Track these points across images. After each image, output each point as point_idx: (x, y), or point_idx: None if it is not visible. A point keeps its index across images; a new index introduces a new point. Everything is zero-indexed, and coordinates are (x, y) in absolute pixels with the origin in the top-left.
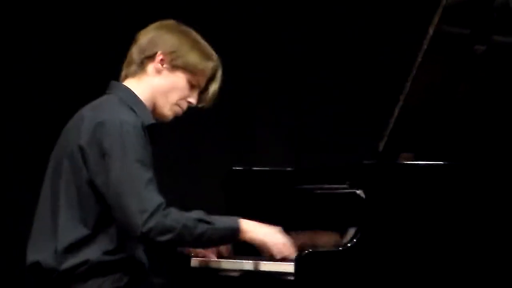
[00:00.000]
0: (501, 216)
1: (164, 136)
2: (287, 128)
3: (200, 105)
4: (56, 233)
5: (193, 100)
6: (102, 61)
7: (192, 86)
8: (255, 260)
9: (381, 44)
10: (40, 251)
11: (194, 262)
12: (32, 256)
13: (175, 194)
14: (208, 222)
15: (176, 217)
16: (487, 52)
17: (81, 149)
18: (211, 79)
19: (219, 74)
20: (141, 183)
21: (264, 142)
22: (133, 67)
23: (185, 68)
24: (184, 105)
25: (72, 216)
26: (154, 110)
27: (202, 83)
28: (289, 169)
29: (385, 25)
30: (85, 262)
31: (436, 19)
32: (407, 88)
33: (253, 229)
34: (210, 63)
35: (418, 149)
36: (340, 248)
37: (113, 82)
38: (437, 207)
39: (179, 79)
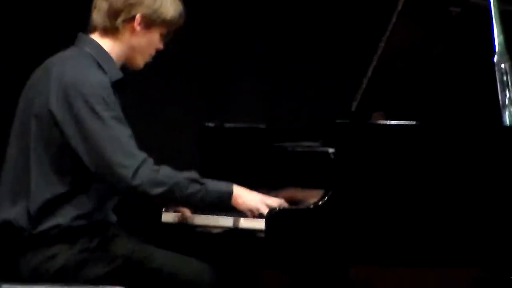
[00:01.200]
0: (466, 173)
1: (137, 92)
2: (261, 84)
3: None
4: (27, 192)
5: (161, 46)
6: None
7: (162, 35)
8: (229, 216)
9: (357, 2)
10: (10, 210)
11: (166, 216)
12: (2, 214)
13: (149, 150)
14: (201, 183)
15: (168, 173)
16: (462, 13)
17: (50, 112)
18: (180, 23)
19: (184, 16)
20: (123, 138)
21: (237, 98)
22: (105, 25)
23: (162, 24)
24: (153, 53)
25: (44, 176)
26: (127, 63)
27: (172, 30)
28: (262, 126)
29: None
30: (57, 226)
31: None
32: (380, 48)
33: (245, 195)
34: (181, 10)
35: (390, 109)
36: (311, 206)
37: (81, 35)
38: (406, 167)
39: (155, 35)
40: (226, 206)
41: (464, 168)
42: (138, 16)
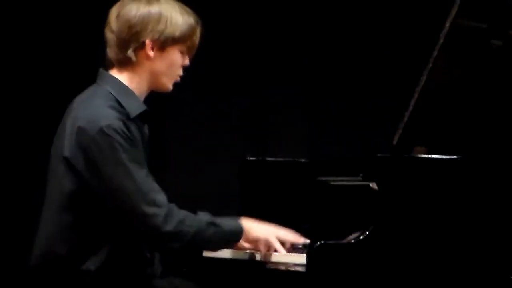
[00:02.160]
0: (509, 208)
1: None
2: (303, 117)
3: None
4: (54, 235)
5: (186, 62)
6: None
7: (183, 52)
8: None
9: (400, 36)
10: (41, 257)
11: (207, 252)
12: (35, 260)
13: (191, 186)
14: (216, 225)
15: (191, 222)
16: (503, 47)
17: (66, 160)
18: (195, 34)
19: (199, 25)
20: (141, 184)
21: (279, 132)
22: (119, 58)
23: (175, 42)
24: (181, 71)
25: (73, 223)
26: (155, 89)
27: (191, 44)
28: (303, 160)
29: (404, 18)
30: (87, 272)
31: (453, 13)
32: (422, 82)
33: (255, 228)
34: (192, 21)
35: (432, 143)
36: (352, 241)
37: (102, 71)
38: (449, 201)
39: (173, 55)
40: (237, 242)
41: (508, 203)
42: (147, 42)
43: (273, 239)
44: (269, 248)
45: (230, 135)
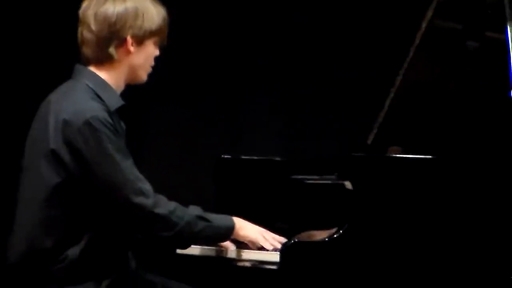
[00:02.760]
0: (485, 210)
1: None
2: (277, 117)
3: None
4: (42, 228)
5: (158, 52)
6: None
7: (156, 43)
8: (240, 249)
9: (374, 36)
10: (24, 245)
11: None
12: (13, 252)
13: (166, 183)
14: (207, 220)
15: (180, 213)
16: (479, 48)
17: (53, 152)
18: (166, 25)
19: (167, 17)
20: (128, 173)
21: (253, 131)
22: (97, 55)
23: (152, 35)
24: (153, 63)
25: (55, 212)
26: (131, 81)
27: (163, 34)
28: (278, 158)
29: (379, 18)
30: (65, 259)
31: (429, 14)
32: (397, 82)
33: (246, 227)
34: (163, 12)
35: (407, 143)
36: (326, 239)
37: (78, 67)
38: (422, 201)
39: (149, 48)
40: (227, 239)
41: (480, 203)
42: (128, 38)
43: (263, 240)
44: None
45: (205, 133)
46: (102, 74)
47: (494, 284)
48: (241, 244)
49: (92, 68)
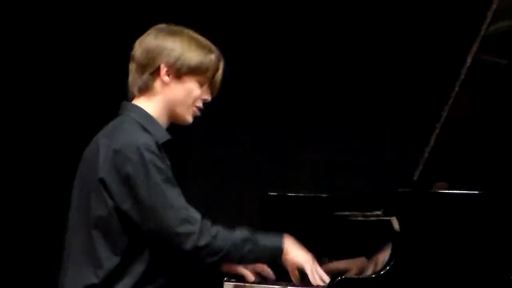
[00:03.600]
0: None
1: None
2: (324, 154)
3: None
4: (91, 263)
5: (207, 96)
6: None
7: (202, 84)
8: (289, 286)
9: (419, 72)
10: (75, 282)
11: (228, 286)
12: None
13: (212, 221)
14: (254, 241)
15: (225, 236)
16: None
17: (102, 181)
18: (216, 70)
19: (222, 63)
20: (174, 203)
21: (299, 168)
22: (138, 85)
23: (191, 72)
24: (201, 104)
25: (105, 246)
26: (174, 119)
27: (210, 77)
28: (324, 195)
29: (423, 53)
30: None
31: (474, 48)
32: (443, 117)
33: (295, 252)
34: (212, 56)
35: (453, 179)
36: (373, 276)
37: (124, 103)
38: (470, 237)
39: (189, 84)
40: (277, 260)
41: None
42: (162, 66)
43: (310, 268)
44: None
45: (251, 170)
46: (145, 106)
47: None
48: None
49: (135, 102)
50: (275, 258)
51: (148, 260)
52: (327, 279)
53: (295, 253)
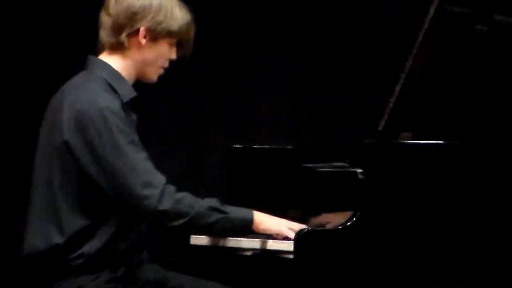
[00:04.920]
0: (498, 194)
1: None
2: (289, 105)
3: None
4: (55, 223)
5: (174, 56)
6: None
7: (172, 46)
8: (253, 239)
9: (383, 22)
10: (38, 240)
11: (195, 239)
12: (30, 244)
13: (176, 172)
14: (222, 212)
15: (190, 202)
16: (488, 32)
17: (65, 143)
18: (189, 32)
19: (193, 25)
20: (140, 166)
21: (265, 120)
22: (111, 42)
23: (168, 35)
24: (167, 64)
25: (69, 207)
26: (140, 78)
27: (184, 39)
28: (289, 147)
29: (387, 3)
30: (81, 255)
31: None
32: (407, 68)
33: (267, 221)
34: (188, 19)
35: (417, 129)
36: (340, 227)
37: (91, 58)
38: (435, 186)
39: (163, 46)
40: (247, 232)
41: (493, 187)
42: (142, 30)
43: (286, 230)
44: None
45: (213, 123)
46: (114, 63)
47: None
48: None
49: (104, 57)
50: (245, 230)
51: (115, 222)
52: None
53: (268, 222)
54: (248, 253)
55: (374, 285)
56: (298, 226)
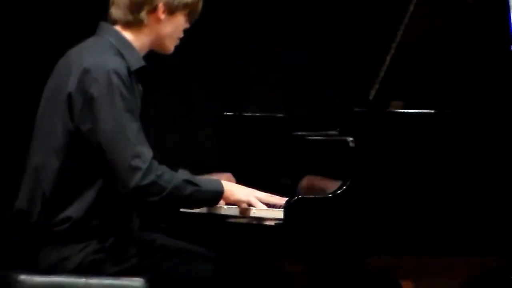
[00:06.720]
0: (490, 164)
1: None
2: (279, 74)
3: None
4: (43, 183)
5: (187, 25)
6: None
7: (186, 16)
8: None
9: None
10: (27, 200)
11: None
12: (20, 203)
13: (167, 140)
14: (195, 184)
15: (168, 178)
16: (479, 2)
17: (69, 97)
18: (200, 1)
19: None
20: (131, 135)
21: (254, 87)
22: (128, 19)
23: (184, 7)
24: (182, 34)
25: (60, 168)
26: (156, 49)
27: (196, 9)
28: (280, 115)
29: None
30: (68, 218)
31: None
32: (398, 37)
33: (235, 190)
34: None
35: (409, 98)
36: (330, 195)
37: (103, 24)
38: (426, 155)
39: (180, 18)
40: (217, 203)
41: (483, 157)
42: (160, 5)
43: (254, 200)
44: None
45: (205, 91)
46: (127, 35)
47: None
48: None
49: (117, 28)
50: (215, 201)
51: (105, 186)
52: (276, 197)
53: (237, 192)
54: (236, 220)
55: (364, 253)
56: (265, 196)
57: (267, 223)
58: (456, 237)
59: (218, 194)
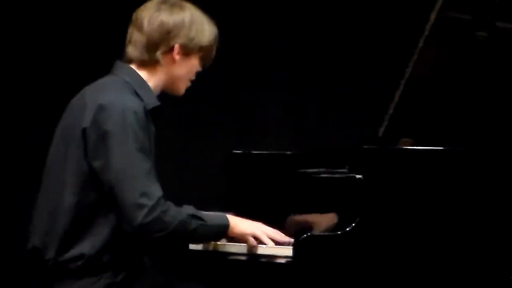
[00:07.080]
0: (500, 202)
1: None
2: (288, 111)
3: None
4: (58, 220)
5: (200, 68)
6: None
7: (200, 59)
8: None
9: (383, 29)
10: (42, 237)
11: (194, 245)
12: (34, 240)
13: (176, 178)
14: (200, 219)
15: (173, 213)
16: (489, 38)
17: (83, 132)
18: (215, 45)
19: (218, 38)
20: (141, 174)
21: (264, 125)
22: (143, 59)
23: (199, 50)
24: (194, 77)
25: (74, 205)
26: (168, 90)
27: (211, 52)
28: (289, 152)
29: (389, 10)
30: (81, 256)
31: (438, 5)
32: (407, 73)
33: (240, 224)
34: (216, 33)
35: (418, 135)
36: (339, 232)
37: (119, 63)
38: (436, 193)
39: (193, 62)
40: (223, 237)
41: (494, 196)
42: (176, 47)
43: (260, 233)
44: (256, 240)
45: (214, 129)
46: (142, 74)
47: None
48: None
49: (133, 66)
50: (221, 235)
51: (112, 224)
52: (283, 237)
53: (242, 225)
54: (244, 258)
55: None
56: (271, 230)
57: (277, 260)
58: (467, 274)
59: (223, 227)
